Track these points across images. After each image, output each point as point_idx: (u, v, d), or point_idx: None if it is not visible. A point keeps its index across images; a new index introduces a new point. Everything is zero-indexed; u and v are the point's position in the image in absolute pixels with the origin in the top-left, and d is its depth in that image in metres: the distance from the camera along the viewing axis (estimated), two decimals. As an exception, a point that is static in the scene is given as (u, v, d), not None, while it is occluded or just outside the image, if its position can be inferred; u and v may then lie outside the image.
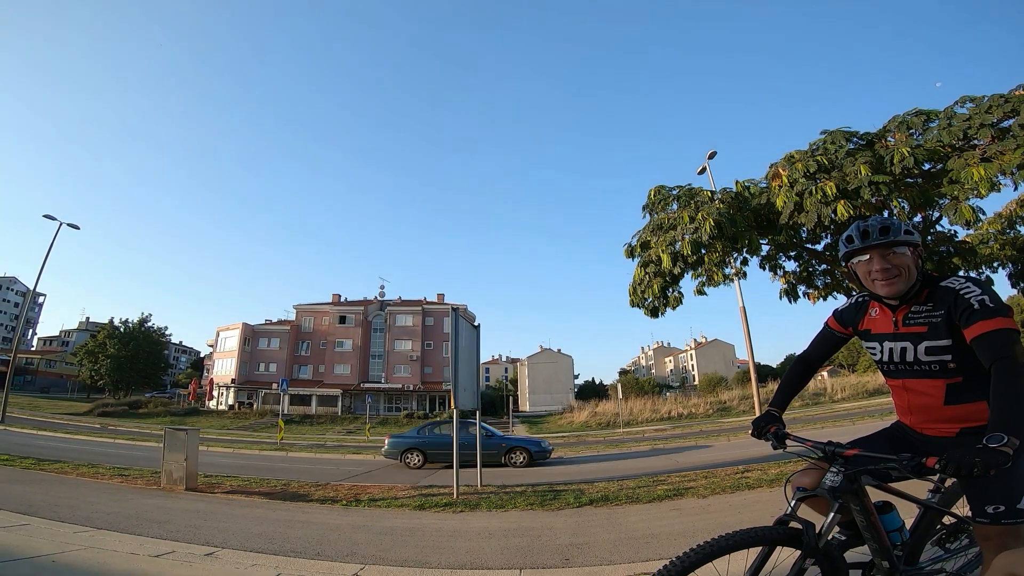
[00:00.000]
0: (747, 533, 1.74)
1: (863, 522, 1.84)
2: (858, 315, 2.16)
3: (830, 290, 10.26)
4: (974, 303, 1.74)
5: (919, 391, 1.95)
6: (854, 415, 23.26)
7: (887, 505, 1.97)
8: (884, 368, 2.07)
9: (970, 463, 1.43)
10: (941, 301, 1.85)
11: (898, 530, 1.95)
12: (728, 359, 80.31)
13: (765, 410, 2.23)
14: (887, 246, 1.92)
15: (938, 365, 1.86)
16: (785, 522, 1.82)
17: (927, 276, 1.96)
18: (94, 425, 31.97)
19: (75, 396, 62.10)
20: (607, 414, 41.27)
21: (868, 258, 1.97)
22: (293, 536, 5.22)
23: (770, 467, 8.63)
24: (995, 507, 1.71)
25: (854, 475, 1.81)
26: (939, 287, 1.89)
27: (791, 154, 8.93)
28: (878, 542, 1.85)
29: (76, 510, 6.05)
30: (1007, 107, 7.40)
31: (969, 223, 7.59)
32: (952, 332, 1.81)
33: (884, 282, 1.92)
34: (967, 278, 1.86)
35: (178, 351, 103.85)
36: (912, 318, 1.93)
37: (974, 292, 1.78)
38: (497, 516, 6.32)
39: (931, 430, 1.98)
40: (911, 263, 1.91)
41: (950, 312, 1.81)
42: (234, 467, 12.90)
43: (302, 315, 63.55)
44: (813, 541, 1.77)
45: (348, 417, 51.10)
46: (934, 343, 1.85)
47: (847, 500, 1.82)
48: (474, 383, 9.25)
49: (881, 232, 1.93)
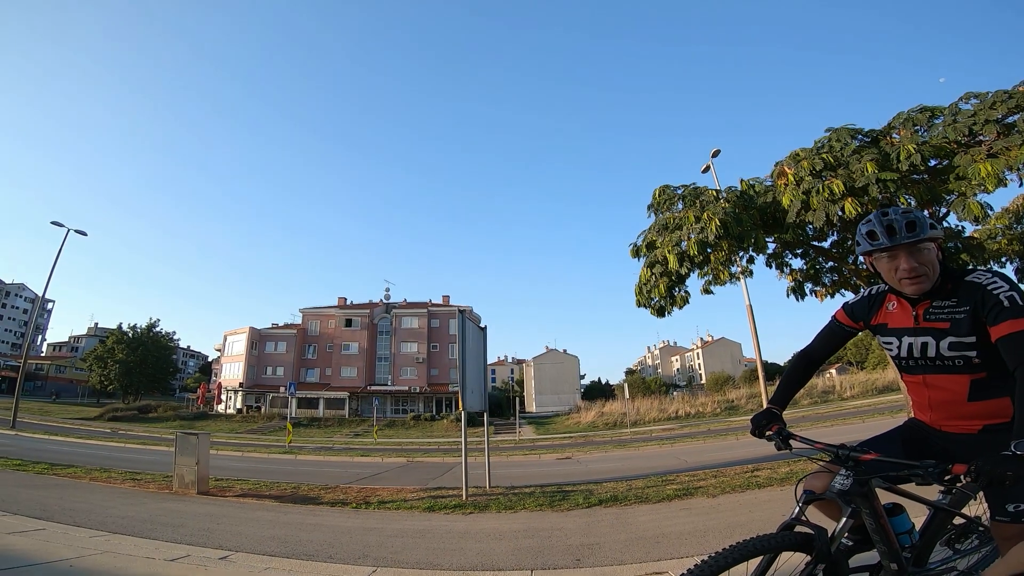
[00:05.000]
0: (757, 541, 1.69)
1: (872, 525, 1.79)
2: (873, 309, 2.06)
3: (837, 287, 10.22)
4: (1003, 300, 1.66)
5: (941, 387, 1.87)
6: (864, 412, 23.08)
7: (897, 507, 1.93)
8: (902, 364, 1.97)
9: (1002, 474, 1.39)
10: (967, 296, 1.76)
11: (908, 532, 1.91)
12: (735, 358, 79.94)
13: (765, 407, 2.14)
14: (914, 243, 1.81)
15: (962, 360, 1.78)
16: (791, 526, 1.77)
17: (948, 269, 1.87)
18: (104, 430, 32.20)
19: (85, 401, 62.54)
20: (614, 414, 41.15)
21: (891, 256, 1.86)
22: (305, 539, 5.27)
23: (780, 466, 8.60)
24: (1015, 506, 1.67)
25: (865, 479, 1.76)
26: (964, 282, 1.80)
27: (796, 152, 8.90)
28: (887, 545, 1.80)
29: (91, 514, 6.12)
30: (1011, 103, 7.36)
31: (977, 219, 7.53)
32: (977, 328, 1.73)
33: (911, 280, 1.82)
34: (994, 272, 1.78)
35: (186, 355, 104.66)
36: (934, 313, 1.84)
37: (1003, 288, 1.70)
38: (507, 517, 6.34)
39: (952, 427, 1.90)
40: (935, 259, 1.83)
41: (976, 308, 1.72)
42: (244, 470, 12.98)
43: (308, 319, 63.79)
44: (826, 546, 1.72)
45: (355, 420, 51.19)
46: (958, 339, 1.77)
47: (857, 503, 1.76)
48: (482, 385, 9.26)
49: (908, 228, 1.80)
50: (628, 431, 32.14)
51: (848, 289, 9.88)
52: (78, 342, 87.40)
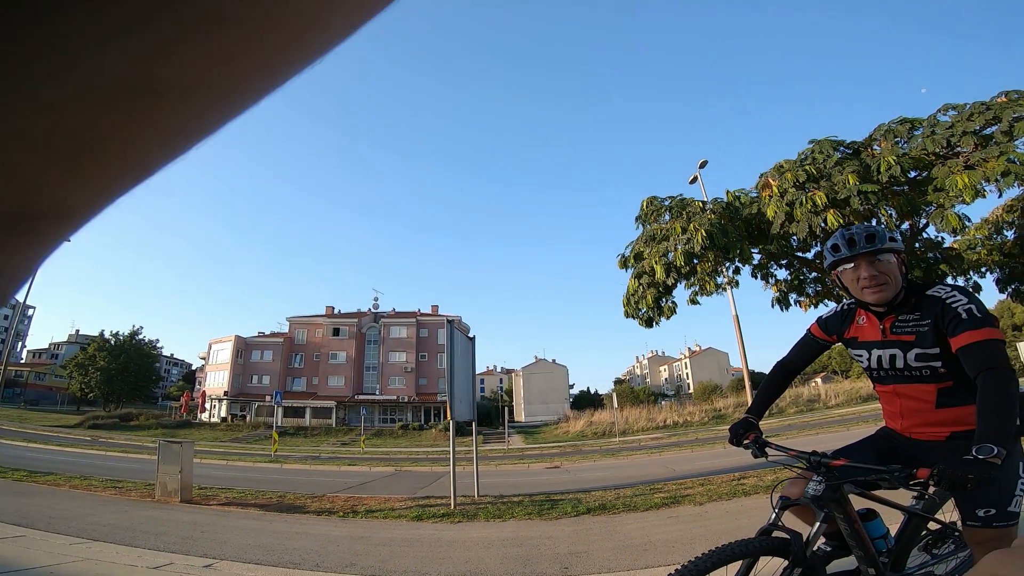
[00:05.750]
0: (735, 546, 1.74)
1: (847, 530, 1.85)
2: (844, 323, 2.16)
3: (821, 297, 10.36)
4: (961, 312, 1.76)
5: (911, 396, 1.95)
6: (848, 420, 23.32)
7: (871, 512, 1.98)
8: (873, 375, 2.07)
9: (963, 477, 1.45)
10: (928, 310, 1.86)
11: (883, 537, 1.96)
12: (722, 367, 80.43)
13: (742, 416, 2.21)
14: (873, 254, 1.93)
15: (928, 370, 1.87)
16: (769, 531, 1.82)
17: (912, 284, 1.97)
18: (85, 438, 31.50)
19: (64, 409, 61.25)
20: (603, 423, 41.16)
21: (854, 266, 1.98)
22: (292, 548, 5.22)
23: (766, 474, 8.66)
24: (986, 511, 1.72)
25: (836, 484, 1.81)
26: (925, 296, 1.90)
27: (780, 164, 9.07)
28: (863, 550, 1.85)
29: (71, 522, 6.02)
30: (988, 114, 7.54)
31: (956, 230, 7.69)
32: (940, 340, 1.82)
33: (871, 289, 1.93)
34: (953, 287, 1.88)
35: (170, 364, 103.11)
36: (900, 327, 1.93)
37: (960, 301, 1.79)
38: (495, 526, 6.33)
39: (921, 434, 1.98)
40: (896, 270, 1.93)
41: (937, 321, 1.82)
42: (228, 479, 12.79)
43: (295, 327, 63.26)
44: (801, 551, 1.77)
45: (343, 429, 50.66)
46: (923, 351, 1.85)
47: (830, 508, 1.82)
48: (470, 394, 9.26)
49: (867, 240, 1.94)
50: (617, 440, 32.13)
51: (831, 299, 10.02)
52: (59, 349, 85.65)
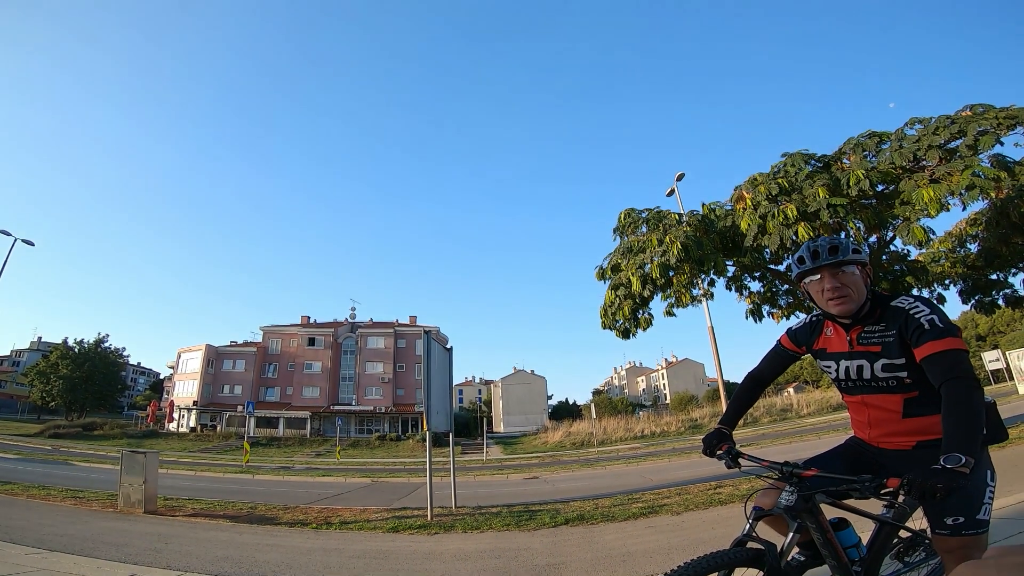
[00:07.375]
0: (711, 558, 1.74)
1: (820, 539, 1.87)
2: (813, 335, 2.19)
3: (792, 309, 10.59)
4: (924, 323, 1.79)
5: (878, 406, 1.98)
6: (820, 429, 23.80)
7: (843, 522, 2.00)
8: (841, 385, 2.10)
9: (933, 487, 1.46)
10: (892, 321, 1.90)
11: (855, 546, 1.98)
12: (698, 378, 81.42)
13: (715, 428, 2.22)
14: (837, 265, 1.96)
15: (895, 380, 1.90)
16: (743, 542, 1.83)
17: (877, 295, 2.01)
18: (45, 447, 30.37)
19: (25, 417, 58.94)
20: (581, 434, 41.25)
21: (819, 277, 2.01)
22: (262, 560, 5.07)
23: (741, 483, 8.74)
24: (955, 519, 1.74)
25: (809, 494, 1.83)
26: (890, 307, 1.94)
27: (754, 176, 9.27)
28: (836, 559, 1.87)
29: (28, 532, 5.78)
30: (954, 128, 7.73)
31: (921, 243, 7.90)
32: (905, 351, 1.85)
33: (835, 301, 1.97)
34: (916, 298, 1.92)
35: (136, 372, 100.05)
36: (866, 338, 1.97)
37: (923, 312, 1.83)
38: (472, 537, 6.25)
39: (888, 443, 2.01)
40: (860, 282, 1.97)
41: (902, 331, 1.86)
42: (197, 490, 12.40)
43: (269, 337, 62.03)
44: (776, 561, 1.78)
45: (317, 439, 49.71)
46: (890, 361, 1.89)
47: (803, 518, 1.83)
48: (447, 405, 9.18)
49: (830, 252, 1.97)
50: (595, 450, 32.20)
51: (803, 311, 10.24)
52: (20, 356, 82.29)
